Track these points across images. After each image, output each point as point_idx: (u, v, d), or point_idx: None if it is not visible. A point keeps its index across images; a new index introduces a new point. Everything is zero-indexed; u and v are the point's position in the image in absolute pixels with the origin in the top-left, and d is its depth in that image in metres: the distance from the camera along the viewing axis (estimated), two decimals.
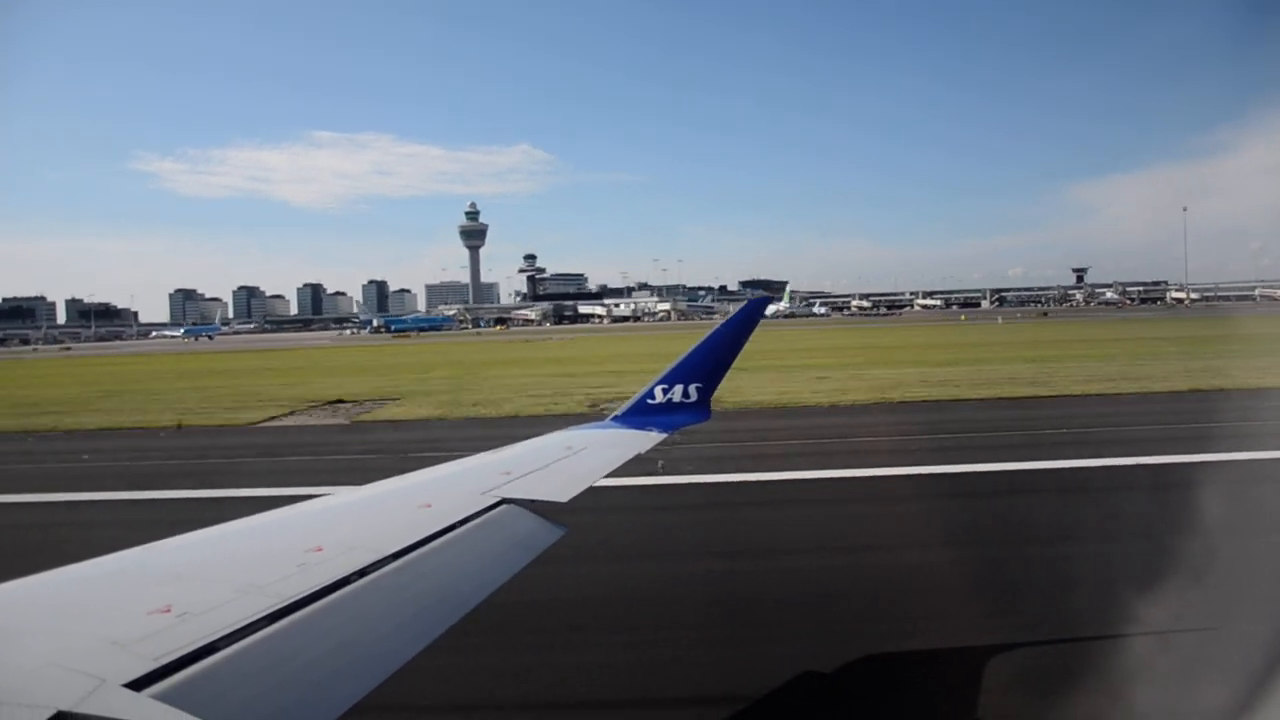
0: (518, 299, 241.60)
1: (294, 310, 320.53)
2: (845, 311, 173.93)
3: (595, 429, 5.82)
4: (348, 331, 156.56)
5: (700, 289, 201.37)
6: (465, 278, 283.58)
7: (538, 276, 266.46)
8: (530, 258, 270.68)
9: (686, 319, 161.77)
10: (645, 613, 7.39)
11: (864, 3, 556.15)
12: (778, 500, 11.75)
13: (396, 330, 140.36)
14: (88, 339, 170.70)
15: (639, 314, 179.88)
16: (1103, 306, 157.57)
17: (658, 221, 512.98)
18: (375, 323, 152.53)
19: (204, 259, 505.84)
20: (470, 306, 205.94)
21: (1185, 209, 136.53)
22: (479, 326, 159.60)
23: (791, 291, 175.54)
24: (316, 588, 2.54)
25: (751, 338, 6.30)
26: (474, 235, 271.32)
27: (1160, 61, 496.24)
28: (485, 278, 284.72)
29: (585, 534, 6.99)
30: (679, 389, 6.00)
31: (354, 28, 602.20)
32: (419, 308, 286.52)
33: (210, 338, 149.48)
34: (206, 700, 1.91)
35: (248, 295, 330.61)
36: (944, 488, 11.94)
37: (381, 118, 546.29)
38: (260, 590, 2.45)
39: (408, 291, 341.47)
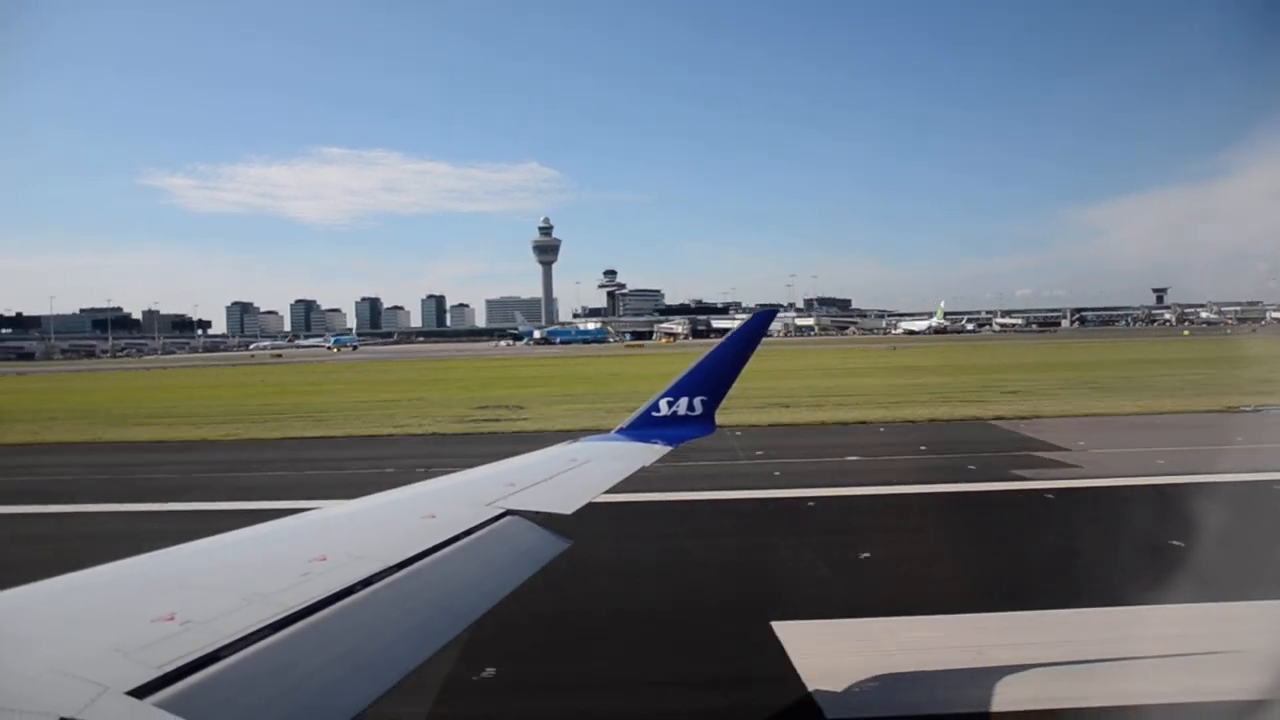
0: (581, 314, 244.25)
1: (351, 323, 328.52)
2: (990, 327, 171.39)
3: (600, 441, 5.81)
4: (503, 343, 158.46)
5: (777, 306, 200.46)
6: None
7: (618, 292, 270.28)
8: (610, 273, 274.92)
9: (826, 333, 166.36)
10: None
11: (871, 20, 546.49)
12: None
13: (562, 341, 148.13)
14: (193, 350, 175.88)
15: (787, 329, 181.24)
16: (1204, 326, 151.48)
17: (660, 239, 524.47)
18: (537, 334, 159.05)
19: (213, 274, 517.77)
20: (609, 320, 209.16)
21: None
22: (624, 340, 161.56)
23: (946, 312, 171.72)
24: (320, 597, 2.55)
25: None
26: (547, 251, 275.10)
27: (1166, 83, 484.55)
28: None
29: None
30: (684, 402, 5.94)
31: (367, 45, 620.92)
32: (476, 323, 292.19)
33: (354, 348, 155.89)
34: (209, 708, 1.93)
35: (305, 309, 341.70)
36: None
37: (391, 135, 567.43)
38: (264, 599, 2.47)
39: (466, 306, 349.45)
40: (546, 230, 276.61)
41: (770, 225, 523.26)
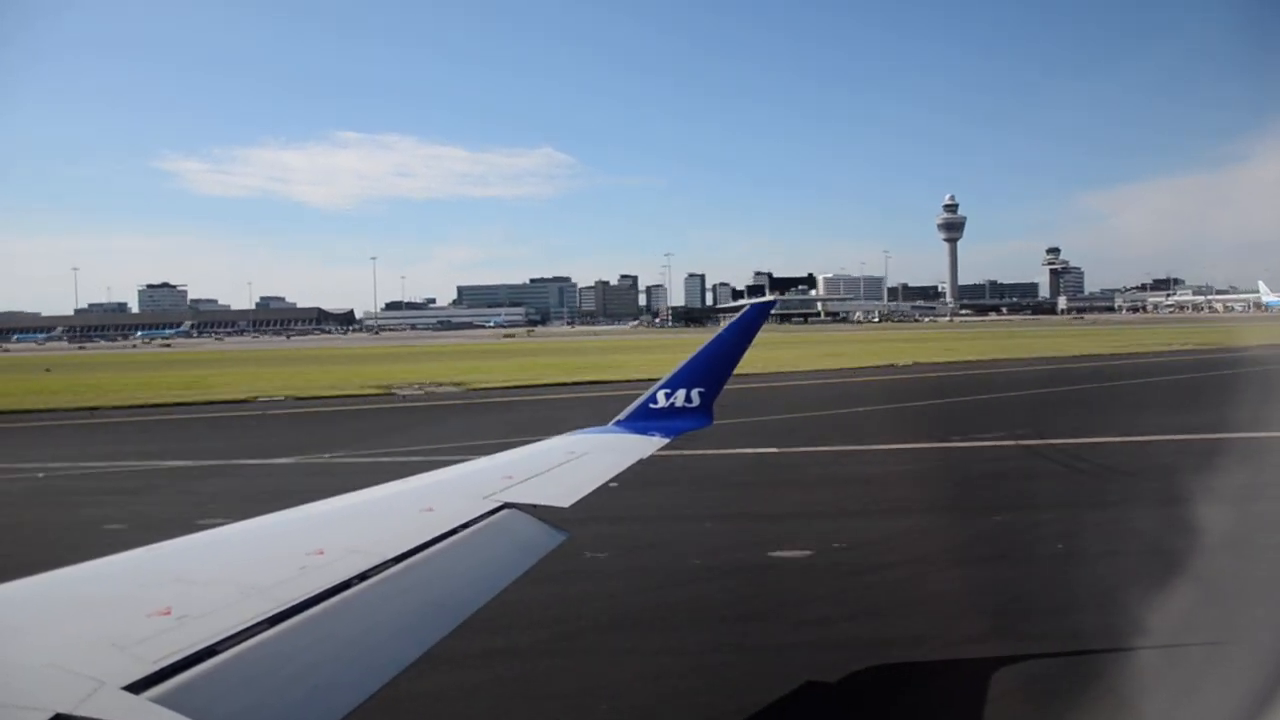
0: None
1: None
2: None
3: (597, 433, 5.77)
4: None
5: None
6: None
7: (1062, 270, 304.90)
8: (1054, 250, 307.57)
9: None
10: None
11: (887, 12, 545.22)
12: None
13: None
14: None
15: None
16: None
17: (669, 224, 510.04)
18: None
19: (221, 257, 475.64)
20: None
21: None
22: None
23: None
24: (317, 591, 2.54)
25: None
26: (953, 228, 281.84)
27: (1172, 72, 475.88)
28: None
29: None
30: (682, 393, 5.93)
31: (384, 28, 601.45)
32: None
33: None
34: (206, 703, 1.91)
35: (700, 283, 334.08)
36: None
37: (406, 119, 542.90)
38: (261, 593, 2.46)
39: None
40: (952, 208, 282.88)
41: (778, 212, 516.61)
